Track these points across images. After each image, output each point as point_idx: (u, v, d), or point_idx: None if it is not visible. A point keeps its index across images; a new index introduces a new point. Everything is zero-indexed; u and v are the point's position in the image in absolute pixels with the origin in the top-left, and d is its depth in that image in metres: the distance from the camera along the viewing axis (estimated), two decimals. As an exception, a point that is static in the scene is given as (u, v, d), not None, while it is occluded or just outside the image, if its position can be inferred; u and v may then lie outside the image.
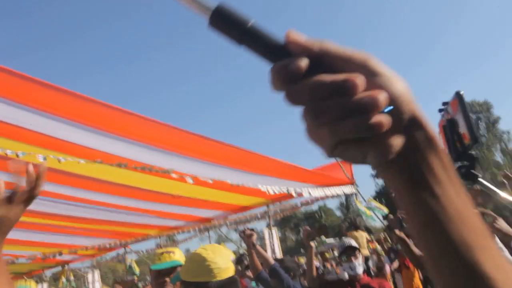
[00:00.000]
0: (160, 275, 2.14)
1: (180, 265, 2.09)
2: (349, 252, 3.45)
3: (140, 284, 8.93)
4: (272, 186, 4.74)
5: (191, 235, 7.87)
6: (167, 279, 2.10)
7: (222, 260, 1.62)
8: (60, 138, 3.48)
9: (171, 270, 2.12)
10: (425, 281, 7.12)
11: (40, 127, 3.30)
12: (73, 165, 3.54)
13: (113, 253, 8.42)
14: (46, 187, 4.47)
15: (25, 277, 9.29)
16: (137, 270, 8.35)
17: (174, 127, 3.70)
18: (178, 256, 2.18)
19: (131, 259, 8.68)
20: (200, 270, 1.59)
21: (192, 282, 1.60)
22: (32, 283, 3.15)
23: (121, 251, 7.99)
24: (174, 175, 3.83)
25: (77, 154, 3.57)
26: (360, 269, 3.35)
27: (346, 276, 3.41)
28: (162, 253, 2.24)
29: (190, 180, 3.84)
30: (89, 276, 8.77)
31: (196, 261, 1.63)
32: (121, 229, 6.58)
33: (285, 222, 51.00)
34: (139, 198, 5.17)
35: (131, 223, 6.17)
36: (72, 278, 9.13)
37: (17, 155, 2.98)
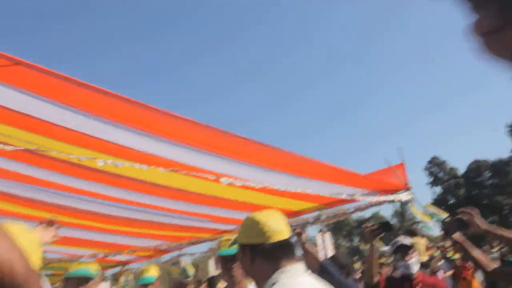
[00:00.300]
0: (228, 261, 2.33)
1: None
2: (402, 250, 3.34)
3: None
4: (324, 191, 4.68)
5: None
6: (235, 265, 2.27)
7: (276, 223, 1.64)
8: (119, 144, 3.66)
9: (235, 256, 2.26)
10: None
11: (103, 134, 3.50)
12: (130, 169, 3.71)
13: (167, 256, 8.67)
14: (109, 191, 4.64)
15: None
16: (191, 272, 8.54)
17: (227, 132, 3.76)
18: None
19: (185, 261, 8.90)
20: (254, 232, 1.63)
21: (247, 244, 1.64)
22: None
23: (175, 253, 8.22)
24: (223, 181, 3.89)
25: (133, 159, 3.74)
26: (414, 268, 3.24)
27: (400, 274, 3.30)
28: (228, 240, 2.39)
29: (239, 184, 3.89)
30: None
31: (250, 223, 1.67)
32: (176, 234, 6.78)
33: (337, 230, 50.06)
34: (193, 201, 5.31)
35: (185, 226, 6.35)
36: (131, 278, 9.49)
37: (79, 159, 3.18)
